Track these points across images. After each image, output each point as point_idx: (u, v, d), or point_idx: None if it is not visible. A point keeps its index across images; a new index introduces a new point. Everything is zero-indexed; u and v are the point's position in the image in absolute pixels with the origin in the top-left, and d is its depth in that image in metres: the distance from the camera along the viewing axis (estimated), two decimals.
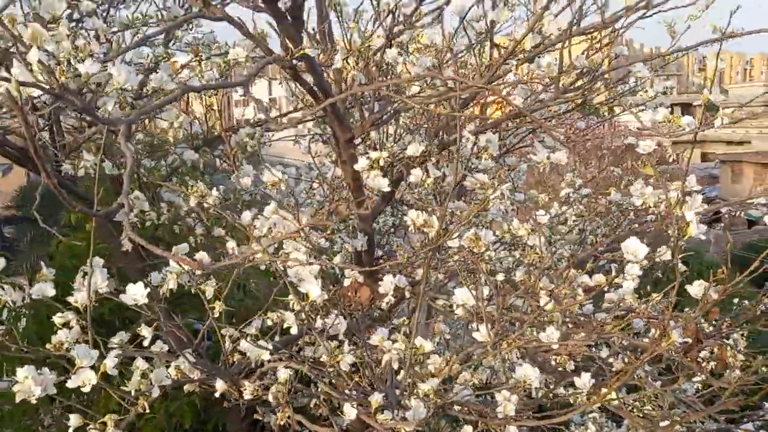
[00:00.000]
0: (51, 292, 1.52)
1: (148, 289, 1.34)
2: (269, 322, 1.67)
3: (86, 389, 1.25)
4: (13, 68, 0.90)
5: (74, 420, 1.36)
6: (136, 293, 1.34)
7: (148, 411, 2.64)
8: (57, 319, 1.58)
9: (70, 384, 1.27)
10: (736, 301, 3.05)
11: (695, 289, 1.50)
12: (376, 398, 1.32)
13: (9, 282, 3.17)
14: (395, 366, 1.46)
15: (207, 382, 1.49)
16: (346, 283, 1.73)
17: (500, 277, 1.97)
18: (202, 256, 1.69)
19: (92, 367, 1.27)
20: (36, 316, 3.15)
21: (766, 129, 29.63)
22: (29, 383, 1.36)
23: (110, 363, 1.27)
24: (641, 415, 1.61)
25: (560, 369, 1.62)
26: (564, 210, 2.34)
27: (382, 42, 1.85)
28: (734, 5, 2.01)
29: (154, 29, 2.12)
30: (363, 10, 2.12)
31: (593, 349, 1.78)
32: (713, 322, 2.12)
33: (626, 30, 1.90)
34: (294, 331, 1.49)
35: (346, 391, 1.36)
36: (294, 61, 1.56)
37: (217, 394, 1.44)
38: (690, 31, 2.32)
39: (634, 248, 1.23)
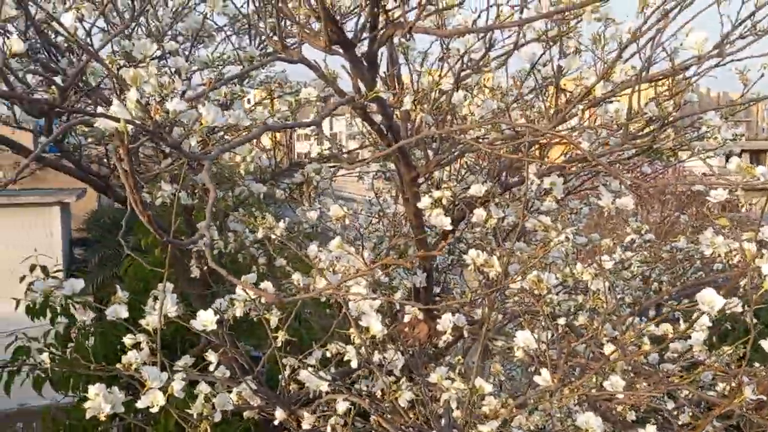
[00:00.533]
0: (124, 313, 1.59)
1: (218, 317, 1.40)
2: (328, 354, 1.69)
3: (154, 410, 1.29)
4: (113, 107, 0.98)
5: None
6: (206, 320, 1.39)
7: None
8: (127, 340, 1.65)
9: (140, 404, 1.32)
10: None
11: None
12: None
13: (80, 301, 3.33)
14: (453, 405, 1.46)
15: (266, 410, 1.52)
16: (406, 319, 1.74)
17: (561, 321, 1.94)
18: (267, 285, 1.74)
19: (160, 389, 1.32)
20: (103, 336, 3.28)
21: None
22: (100, 400, 1.42)
23: (177, 386, 1.32)
24: None
25: (622, 419, 1.58)
26: (628, 256, 2.30)
27: (450, 86, 1.89)
28: None
29: (232, 69, 2.24)
30: (430, 52, 2.18)
31: (657, 401, 1.73)
32: None
33: (699, 78, 1.88)
34: (354, 364, 1.51)
35: (402, 427, 1.37)
36: (365, 102, 1.62)
37: (276, 422, 1.46)
38: (763, 78, 2.27)
39: (711, 299, 1.20)
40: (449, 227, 1.89)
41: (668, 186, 15.29)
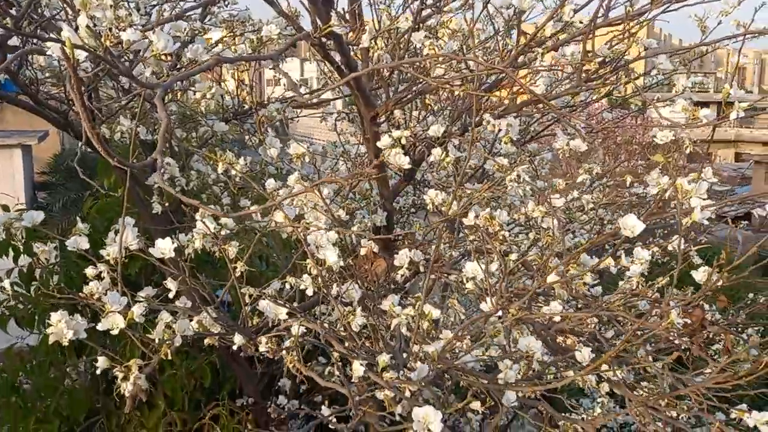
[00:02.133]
0: (85, 244, 1.62)
1: (176, 244, 1.44)
2: (287, 286, 1.75)
3: (115, 332, 1.35)
4: (63, 32, 0.98)
5: (102, 362, 1.46)
6: (164, 247, 1.43)
7: (170, 367, 2.76)
8: (89, 271, 1.67)
9: (100, 326, 1.37)
10: (751, 296, 3.07)
11: (699, 274, 1.55)
12: (384, 358, 1.40)
13: (41, 237, 3.33)
14: (406, 333, 1.54)
15: (226, 337, 1.59)
16: (362, 252, 1.80)
17: (513, 257, 2.03)
18: (227, 220, 1.78)
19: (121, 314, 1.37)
20: (66, 274, 3.29)
21: None
22: (62, 326, 1.46)
23: (138, 311, 1.37)
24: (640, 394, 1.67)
25: (562, 347, 1.68)
26: (580, 196, 2.39)
27: (409, 24, 1.91)
28: (760, 2, 2.02)
29: (191, 3, 2.21)
30: None
31: (598, 330, 1.84)
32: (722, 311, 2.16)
33: (650, 22, 1.93)
34: (309, 292, 1.57)
35: (354, 350, 1.44)
36: (323, 40, 1.63)
37: (234, 347, 1.53)
38: (722, 27, 2.33)
39: (633, 224, 1.28)
40: (407, 166, 1.93)
41: (634, 135, 15.52)
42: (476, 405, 2.88)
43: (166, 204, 2.16)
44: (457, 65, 2.23)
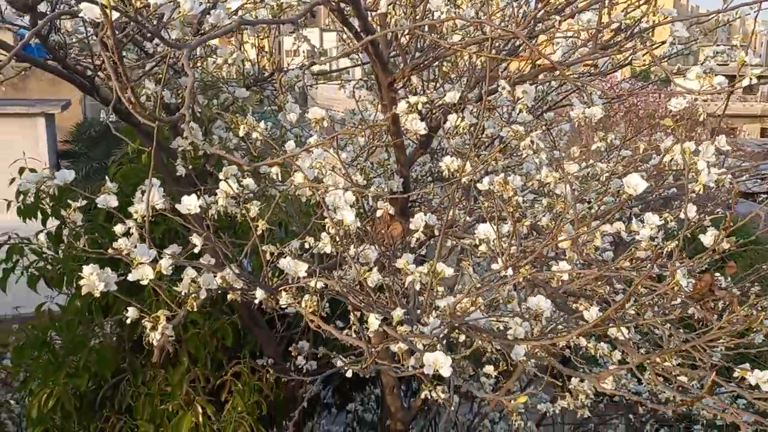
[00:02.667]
0: (114, 202, 1.70)
1: (201, 201, 1.51)
2: (306, 246, 1.82)
3: (144, 282, 1.42)
4: None
5: (132, 312, 1.55)
6: (190, 203, 1.50)
7: (193, 327, 2.86)
8: (118, 228, 1.75)
9: (131, 277, 1.45)
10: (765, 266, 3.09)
11: (707, 238, 1.59)
12: (398, 313, 1.47)
13: (70, 198, 3.46)
14: (416, 287, 1.60)
15: (248, 293, 1.66)
16: (379, 213, 1.86)
17: (527, 222, 2.07)
18: (249, 181, 1.85)
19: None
20: (93, 238, 3.39)
21: None
22: (94, 279, 1.55)
23: (165, 263, 1.45)
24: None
25: (571, 309, 1.74)
26: (595, 164, 2.41)
27: None
28: None
29: None
30: None
31: (608, 293, 1.89)
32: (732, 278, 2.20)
33: None
34: (328, 250, 1.64)
35: (369, 304, 1.51)
36: (342, 4, 1.67)
37: (256, 301, 1.60)
38: None
39: (635, 183, 1.32)
40: (423, 132, 1.98)
41: (657, 110, 15.31)
42: (489, 369, 2.95)
43: (190, 167, 2.23)
44: (474, 32, 2.25)
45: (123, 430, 2.77)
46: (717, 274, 2.09)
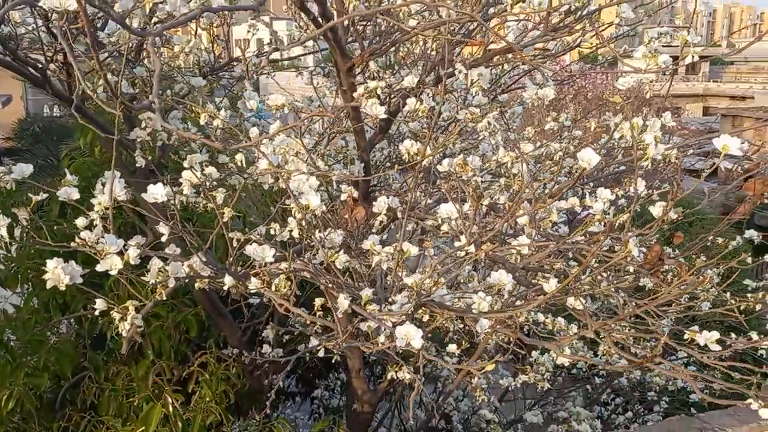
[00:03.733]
0: (76, 195, 1.68)
1: (167, 189, 1.51)
2: (272, 231, 1.84)
3: (113, 272, 1.42)
4: None
5: (100, 303, 1.54)
6: (156, 192, 1.50)
7: (156, 319, 2.84)
8: (80, 221, 1.73)
9: (99, 268, 1.44)
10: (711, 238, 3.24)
11: (656, 209, 1.67)
12: (367, 293, 1.51)
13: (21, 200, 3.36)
14: (383, 266, 1.64)
15: (216, 280, 1.67)
16: (343, 197, 1.89)
17: (485, 201, 2.14)
18: (212, 170, 1.85)
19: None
20: (50, 232, 3.32)
21: None
22: (59, 272, 1.53)
23: (133, 253, 1.45)
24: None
25: (531, 283, 1.81)
26: (549, 144, 2.49)
27: None
28: None
29: None
30: None
31: (565, 264, 1.96)
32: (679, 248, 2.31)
33: None
34: (296, 234, 1.66)
35: (336, 284, 1.54)
36: None
37: (225, 288, 1.61)
38: None
39: (589, 156, 1.39)
40: (384, 116, 2.01)
41: (605, 92, 15.71)
42: (453, 347, 3.02)
43: (149, 158, 2.21)
44: (430, 17, 2.29)
45: (88, 428, 2.73)
46: (665, 246, 2.19)
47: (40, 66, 2.15)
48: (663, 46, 2.52)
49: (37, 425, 3.19)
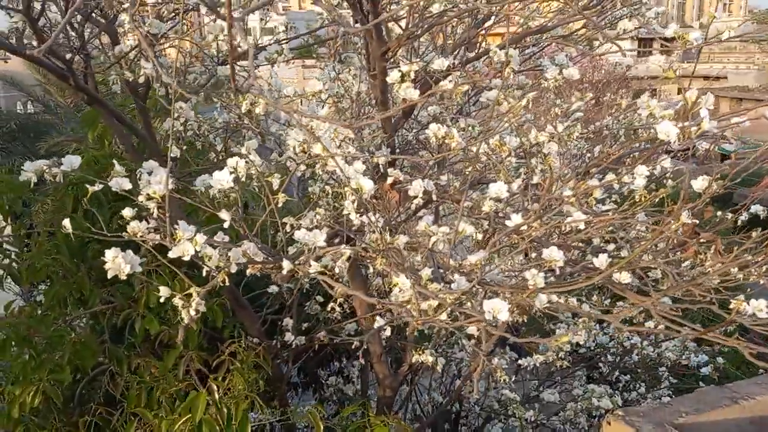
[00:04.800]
0: (127, 185, 1.68)
1: (234, 175, 1.52)
2: (318, 217, 1.86)
3: (186, 258, 1.43)
4: None
5: (163, 291, 1.55)
6: (222, 178, 1.51)
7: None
8: (126, 211, 1.72)
9: (171, 254, 1.45)
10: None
11: (698, 183, 1.72)
12: (426, 272, 1.53)
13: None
14: (440, 246, 1.67)
15: (271, 265, 1.68)
16: (389, 180, 1.91)
17: (518, 182, 2.17)
18: (256, 158, 1.85)
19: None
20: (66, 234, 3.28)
21: (743, 65, 29.90)
22: (119, 261, 1.54)
23: (200, 239, 1.46)
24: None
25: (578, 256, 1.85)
26: (575, 124, 2.53)
27: None
28: None
29: None
30: None
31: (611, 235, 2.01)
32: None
33: None
34: (353, 217, 1.68)
35: (400, 267, 1.57)
36: None
37: (284, 272, 1.62)
38: None
39: (667, 129, 1.42)
40: (417, 99, 2.03)
41: (584, 74, 15.85)
42: (472, 329, 3.07)
43: (183, 148, 2.21)
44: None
45: (119, 422, 2.73)
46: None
47: (67, 58, 2.14)
48: (635, 28, 2.57)
49: (57, 421, 3.18)
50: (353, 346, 3.44)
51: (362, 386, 4.14)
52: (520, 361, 3.71)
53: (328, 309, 3.27)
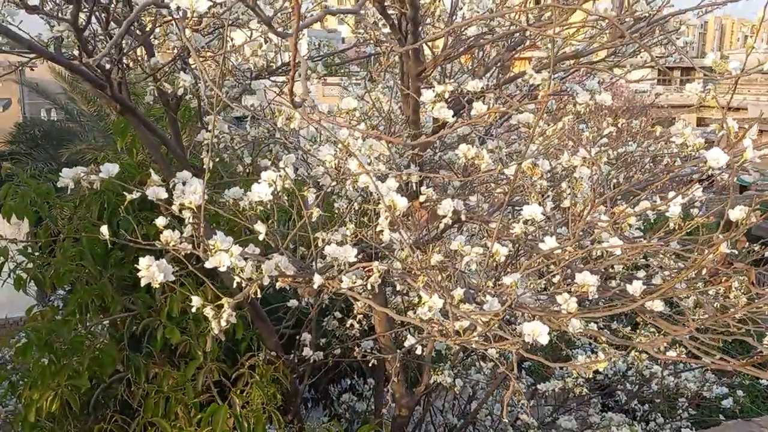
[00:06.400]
0: (164, 194, 1.69)
1: (272, 188, 1.52)
2: (348, 233, 1.85)
3: (222, 269, 1.44)
4: None
5: (195, 300, 1.55)
6: (261, 191, 1.51)
7: (204, 322, 2.85)
8: (160, 221, 1.73)
9: (208, 265, 1.46)
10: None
11: (735, 213, 1.70)
12: (459, 292, 1.53)
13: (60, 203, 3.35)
14: (473, 267, 1.66)
15: (301, 278, 1.69)
16: (422, 198, 1.91)
17: (549, 204, 2.16)
18: (290, 170, 1.86)
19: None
20: (89, 240, 3.31)
21: (764, 97, 29.74)
22: (153, 269, 1.55)
23: (236, 251, 1.46)
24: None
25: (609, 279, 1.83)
26: (606, 150, 2.53)
27: None
28: None
29: None
30: None
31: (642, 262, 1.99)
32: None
33: None
34: (386, 234, 1.67)
35: (432, 285, 1.56)
36: None
37: (315, 286, 1.62)
38: None
39: (717, 156, 1.41)
40: (451, 119, 2.03)
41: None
42: (492, 352, 3.00)
43: (217, 159, 2.23)
44: (489, 24, 2.32)
45: (135, 430, 2.73)
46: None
47: (106, 69, 2.17)
48: (658, 57, 2.57)
49: (72, 428, 3.18)
50: (370, 364, 3.44)
51: (376, 404, 4.11)
52: (539, 386, 3.67)
53: (347, 325, 3.26)
